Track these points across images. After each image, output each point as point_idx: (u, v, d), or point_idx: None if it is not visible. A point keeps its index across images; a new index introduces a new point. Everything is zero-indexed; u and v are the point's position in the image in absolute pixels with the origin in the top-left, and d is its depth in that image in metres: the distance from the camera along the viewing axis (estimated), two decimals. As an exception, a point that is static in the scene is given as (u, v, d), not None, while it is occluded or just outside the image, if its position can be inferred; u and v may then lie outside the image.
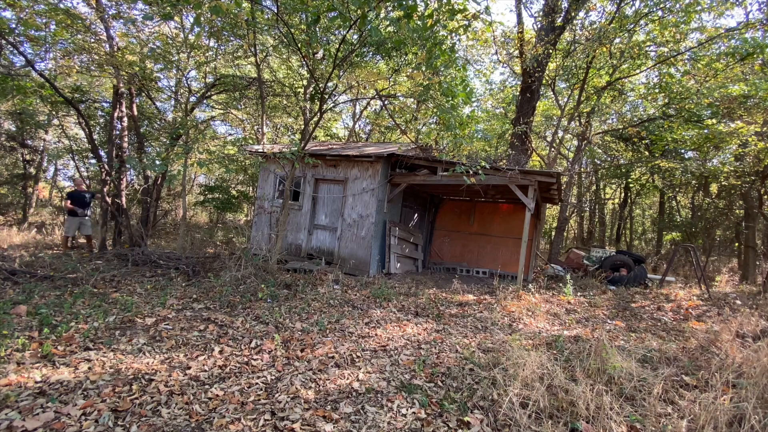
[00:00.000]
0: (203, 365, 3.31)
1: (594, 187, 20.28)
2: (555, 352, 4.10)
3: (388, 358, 3.77)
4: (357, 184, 8.65)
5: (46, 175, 19.34)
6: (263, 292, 5.63)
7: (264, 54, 11.67)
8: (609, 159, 17.46)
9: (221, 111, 14.73)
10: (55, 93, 8.95)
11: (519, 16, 12.44)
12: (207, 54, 10.49)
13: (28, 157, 14.69)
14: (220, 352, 3.63)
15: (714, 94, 10.86)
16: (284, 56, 12.28)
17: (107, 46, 9.00)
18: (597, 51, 11.11)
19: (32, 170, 15.16)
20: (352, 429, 2.56)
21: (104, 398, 2.67)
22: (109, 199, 8.66)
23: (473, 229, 11.27)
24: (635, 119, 13.53)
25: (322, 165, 8.98)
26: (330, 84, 9.09)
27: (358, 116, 17.31)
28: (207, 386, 2.96)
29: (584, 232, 21.29)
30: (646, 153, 14.70)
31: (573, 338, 4.67)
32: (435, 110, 8.41)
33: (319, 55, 9.70)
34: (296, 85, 13.38)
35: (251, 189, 16.85)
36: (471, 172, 7.04)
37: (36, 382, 2.79)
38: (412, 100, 14.54)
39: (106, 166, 8.85)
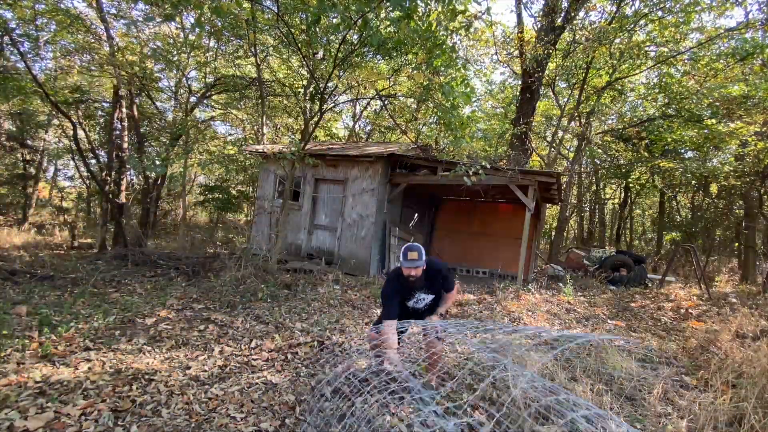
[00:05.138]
0: (203, 365, 3.31)
1: (594, 187, 20.26)
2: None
3: (388, 358, 3.77)
4: (357, 184, 8.65)
5: (46, 175, 19.33)
6: (263, 292, 5.63)
7: (264, 54, 11.66)
8: (609, 159, 17.45)
9: (221, 111, 14.73)
10: (54, 94, 8.94)
11: (519, 16, 12.44)
12: (207, 54, 10.48)
13: (28, 157, 14.70)
14: (220, 352, 3.63)
15: (714, 94, 10.84)
16: (284, 56, 12.27)
17: (107, 46, 9.00)
18: (597, 51, 11.11)
19: (32, 170, 15.16)
20: (352, 429, 2.56)
21: (104, 398, 2.67)
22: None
23: (473, 229, 11.26)
24: (635, 119, 13.52)
25: (322, 165, 8.98)
26: (330, 84, 9.08)
27: (358, 116, 17.31)
28: (207, 386, 2.96)
29: (584, 232, 21.27)
30: (646, 153, 14.69)
31: (573, 338, 4.67)
32: (435, 110, 8.41)
33: (320, 55, 9.68)
34: (296, 85, 13.37)
35: (251, 189, 16.83)
36: (471, 172, 7.04)
37: (36, 382, 2.79)
38: (412, 100, 14.53)
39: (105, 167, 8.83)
